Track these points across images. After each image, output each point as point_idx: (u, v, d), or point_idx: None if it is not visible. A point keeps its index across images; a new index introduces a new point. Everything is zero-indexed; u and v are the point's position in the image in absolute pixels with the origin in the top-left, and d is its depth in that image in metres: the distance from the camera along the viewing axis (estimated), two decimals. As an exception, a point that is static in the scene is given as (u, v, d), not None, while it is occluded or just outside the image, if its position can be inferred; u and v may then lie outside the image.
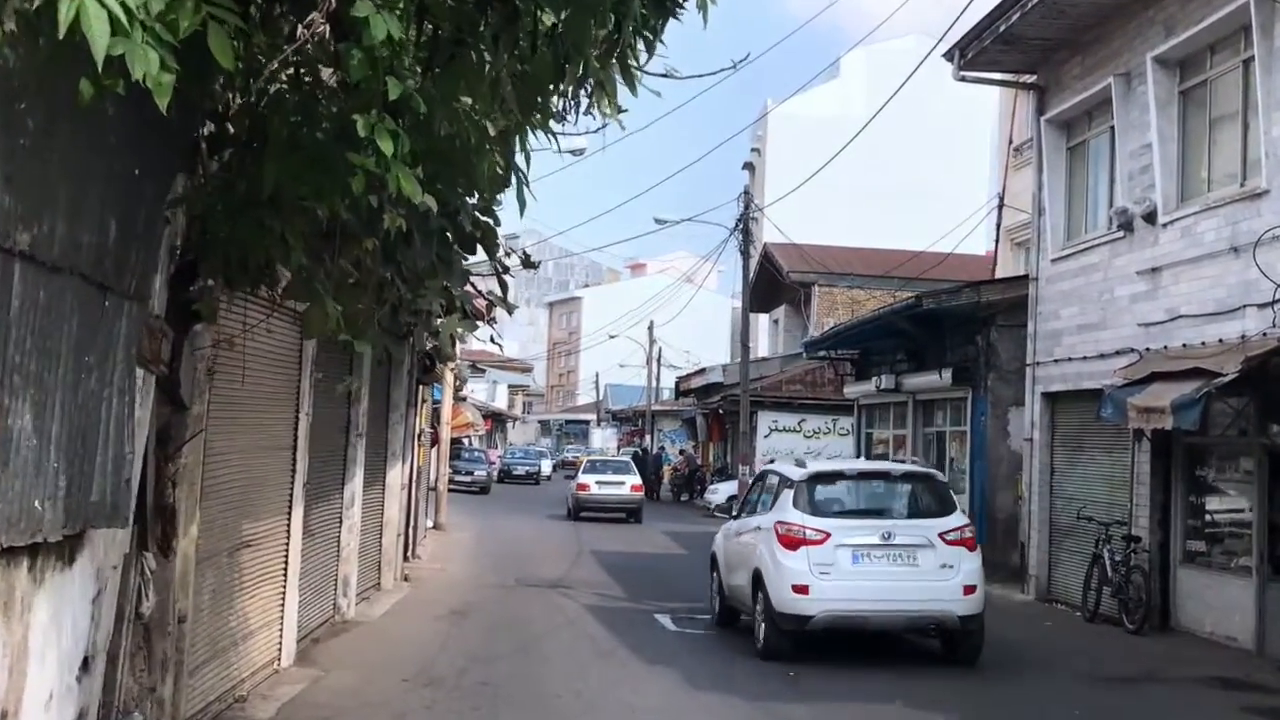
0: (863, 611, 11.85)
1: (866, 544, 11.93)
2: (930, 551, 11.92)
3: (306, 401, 10.54)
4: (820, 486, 12.75)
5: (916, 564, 11.91)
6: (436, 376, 21.41)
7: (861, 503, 13.11)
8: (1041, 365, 17.88)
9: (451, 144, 3.89)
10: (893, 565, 11.92)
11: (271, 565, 10.01)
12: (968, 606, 11.86)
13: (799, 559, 11.81)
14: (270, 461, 9.81)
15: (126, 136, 3.97)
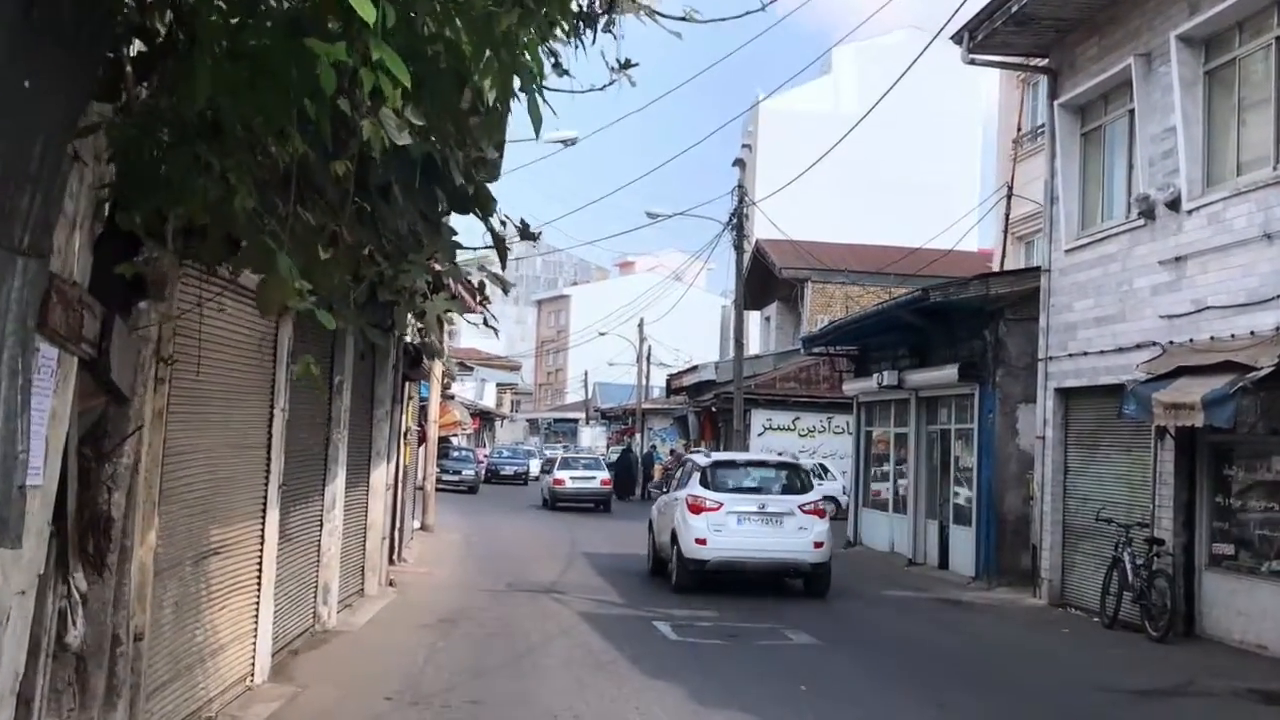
0: (742, 558, 16.68)
1: (747, 511, 16.84)
2: (792, 518, 16.69)
3: (282, 396, 9.74)
4: (719, 470, 17.80)
5: (781, 526, 16.67)
6: (424, 373, 20.60)
7: (746, 482, 17.79)
8: (1054, 360, 17.17)
9: (436, 64, 3.13)
10: (765, 526, 16.67)
11: (243, 573, 9.22)
12: (817, 556, 16.68)
13: (701, 521, 16.63)
14: (241, 461, 9.01)
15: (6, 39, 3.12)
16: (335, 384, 12.26)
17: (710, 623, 14.13)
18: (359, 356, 13.26)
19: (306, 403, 11.22)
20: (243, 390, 8.90)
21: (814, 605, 16.36)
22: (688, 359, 61.07)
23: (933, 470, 21.96)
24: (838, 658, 12.25)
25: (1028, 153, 29.86)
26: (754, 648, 12.63)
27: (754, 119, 66.22)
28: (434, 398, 25.78)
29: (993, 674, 11.79)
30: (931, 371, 20.86)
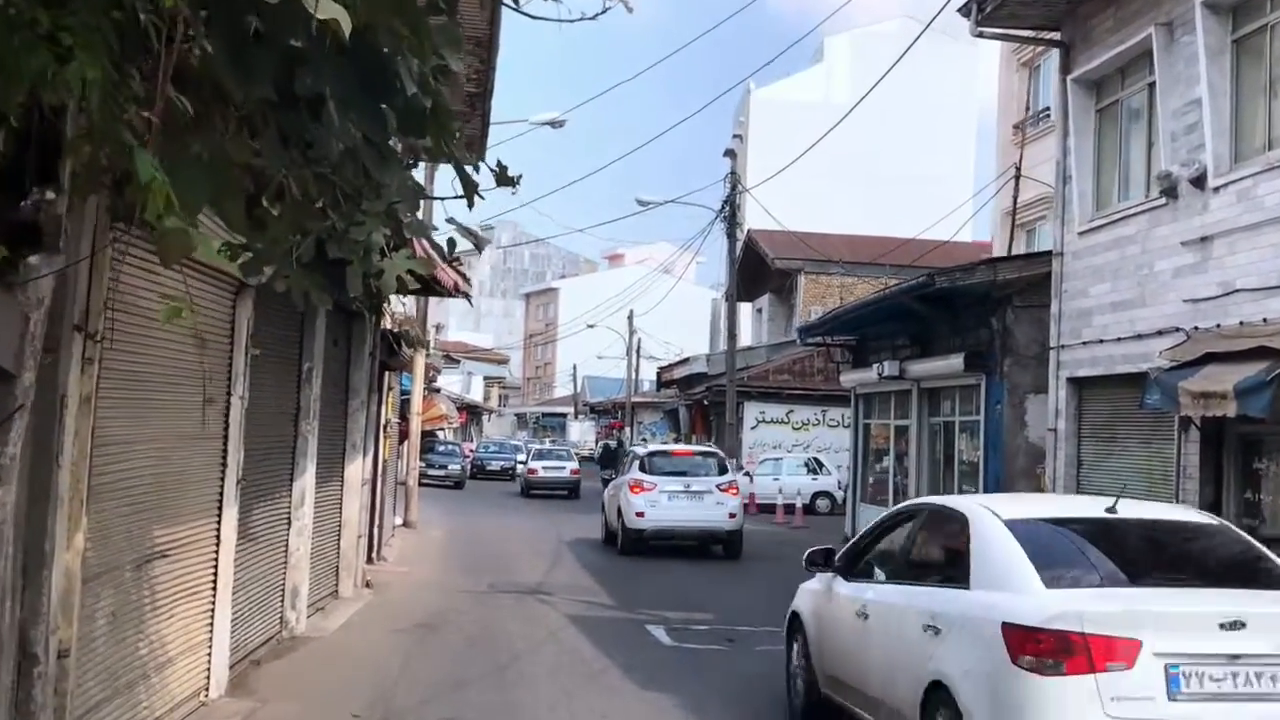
0: (672, 527, 21.05)
1: (676, 490, 21.11)
2: (711, 495, 21.13)
3: (241, 383, 8.87)
4: (654, 458, 22.32)
5: (702, 501, 21.07)
6: (404, 362, 19.72)
7: (675, 467, 21.91)
8: (1067, 348, 16.32)
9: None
10: (689, 502, 21.05)
11: (195, 577, 8.34)
12: (731, 524, 21.10)
13: (640, 498, 20.92)
14: (192, 454, 8.13)
15: None
16: (304, 371, 11.38)
17: (706, 626, 13.30)
18: (331, 342, 12.39)
19: (271, 391, 10.35)
20: (194, 375, 8.02)
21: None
22: (679, 351, 60.26)
23: (935, 464, 21.15)
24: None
25: (1030, 138, 29.13)
26: (754, 653, 11.79)
27: (745, 109, 65.44)
28: (417, 390, 24.89)
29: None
30: (935, 361, 20.03)
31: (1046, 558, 6.74)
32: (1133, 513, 7.50)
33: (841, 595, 8.53)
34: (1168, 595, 6.64)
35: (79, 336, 5.86)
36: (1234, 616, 6.11)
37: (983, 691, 6.33)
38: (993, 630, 6.30)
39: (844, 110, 27.15)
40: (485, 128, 15.02)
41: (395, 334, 16.27)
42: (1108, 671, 5.95)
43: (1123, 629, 6.03)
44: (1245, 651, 6.01)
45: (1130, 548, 7.24)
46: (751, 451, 35.99)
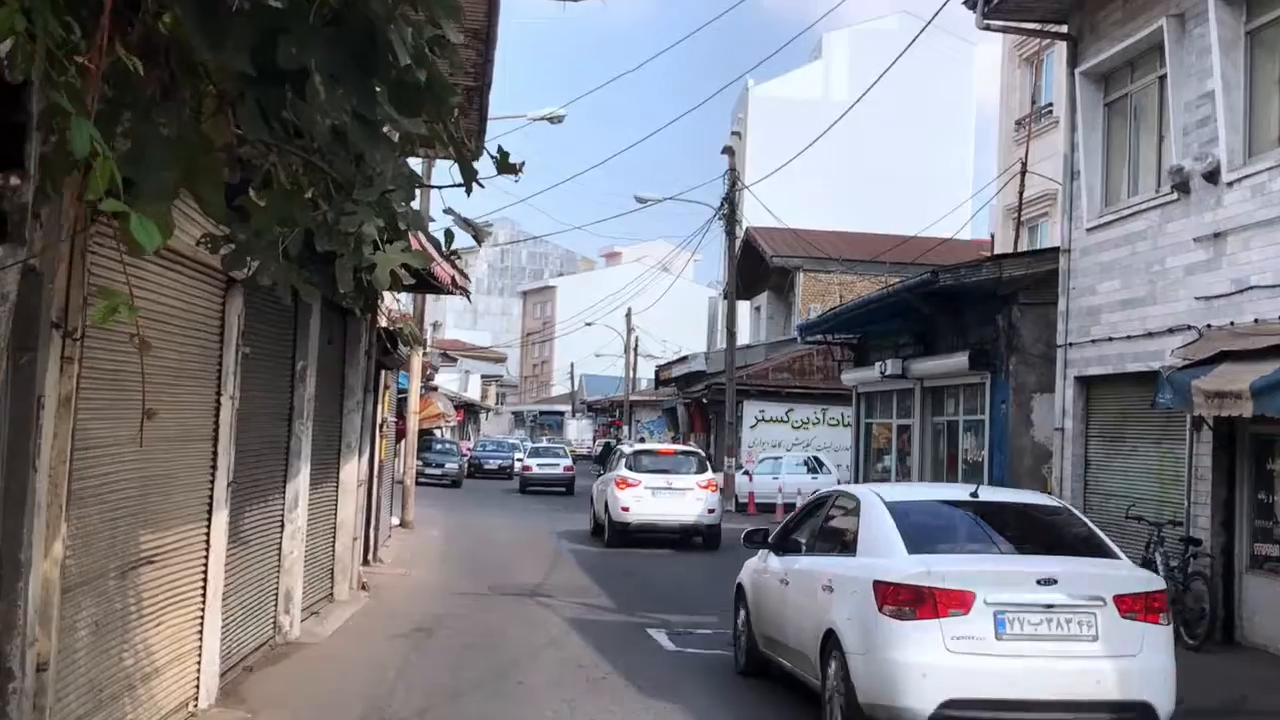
0: (655, 521, 22.11)
1: (659, 486, 22.22)
2: (691, 491, 22.27)
3: (231, 382, 8.57)
4: (640, 457, 23.70)
5: (684, 497, 22.16)
6: (401, 360, 19.43)
7: (659, 466, 23.03)
8: (1075, 346, 16.07)
9: None
10: (671, 496, 22.14)
11: (184, 584, 8.05)
12: (710, 519, 22.24)
13: (626, 494, 22.16)
14: (180, 456, 7.83)
15: None
16: (298, 370, 11.09)
17: (710, 630, 12.98)
18: (326, 340, 12.10)
19: (263, 390, 10.06)
20: (181, 374, 7.74)
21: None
22: (677, 349, 60.03)
23: (938, 463, 20.89)
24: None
25: (1033, 134, 28.85)
26: (759, 659, 11.48)
27: (744, 106, 65.13)
28: (414, 388, 24.61)
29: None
30: (939, 360, 19.77)
31: (913, 531, 8.38)
32: (990, 497, 9.43)
33: (771, 568, 10.10)
34: (1000, 559, 8.54)
35: (57, 334, 5.59)
36: (1048, 575, 7.76)
37: (858, 634, 7.93)
38: (866, 586, 7.91)
39: (843, 107, 26.93)
40: (483, 122, 14.71)
41: (391, 332, 15.98)
42: (949, 617, 7.56)
43: (961, 584, 7.63)
44: (1055, 602, 7.66)
45: (980, 523, 8.96)
46: (751, 450, 35.71)
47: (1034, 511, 9.56)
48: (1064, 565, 8.10)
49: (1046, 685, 7.59)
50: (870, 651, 7.78)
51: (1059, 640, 7.67)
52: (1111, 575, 8.12)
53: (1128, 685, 7.67)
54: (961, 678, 7.51)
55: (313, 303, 4.25)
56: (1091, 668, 7.62)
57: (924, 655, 7.53)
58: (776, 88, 65.95)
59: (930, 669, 7.51)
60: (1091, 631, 7.69)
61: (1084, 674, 7.62)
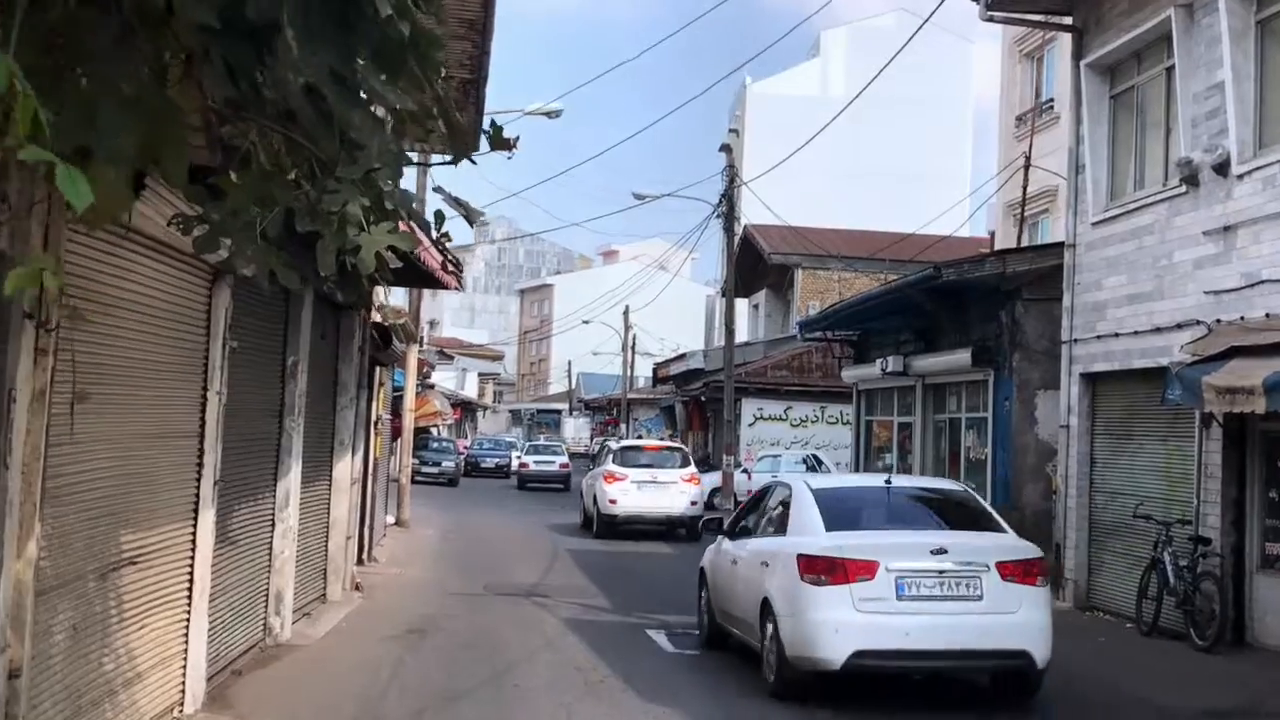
0: (641, 513, 23.43)
1: (645, 480, 23.56)
2: (675, 485, 23.67)
3: (218, 377, 8.31)
4: (626, 452, 25.15)
5: (668, 491, 23.40)
6: (396, 356, 19.17)
7: (644, 461, 24.44)
8: (1080, 342, 15.82)
9: None
10: (657, 491, 23.47)
11: (169, 585, 7.79)
12: (692, 511, 23.10)
13: (614, 487, 23.42)
14: (164, 453, 7.58)
15: None
16: (288, 365, 10.84)
17: (710, 631, 12.72)
18: (318, 336, 11.84)
19: (252, 386, 9.80)
20: (165, 368, 7.48)
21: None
22: (675, 347, 59.80)
23: (940, 461, 20.64)
24: (861, 675, 10.87)
25: (1024, 133, 28.60)
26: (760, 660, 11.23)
27: (741, 103, 64.85)
28: (409, 385, 24.36)
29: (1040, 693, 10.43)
30: (941, 356, 19.51)
31: (833, 513, 9.87)
32: (900, 484, 11.08)
33: (725, 550, 11.53)
34: (901, 534, 9.78)
35: (30, 325, 5.33)
36: (940, 545, 9.24)
37: (785, 599, 9.32)
38: (791, 560, 9.35)
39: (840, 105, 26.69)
40: (479, 116, 14.47)
41: (386, 328, 15.73)
42: (858, 582, 8.95)
43: (866, 555, 9.06)
44: (946, 568, 9.08)
45: (890, 505, 10.29)
46: (750, 448, 35.44)
47: (937, 495, 11.18)
48: (955, 538, 9.53)
49: (939, 638, 8.97)
50: (795, 614, 9.17)
51: (949, 600, 9.05)
52: (995, 545, 9.54)
53: (1009, 637, 9.07)
54: (868, 633, 8.89)
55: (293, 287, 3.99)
56: (977, 623, 9.00)
57: (837, 614, 8.91)
58: (774, 85, 65.74)
59: (842, 626, 8.89)
60: (977, 593, 9.08)
61: (971, 628, 9.00)
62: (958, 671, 9.76)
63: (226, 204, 3.61)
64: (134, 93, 2.59)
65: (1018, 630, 9.09)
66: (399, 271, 10.60)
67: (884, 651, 8.96)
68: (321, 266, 3.69)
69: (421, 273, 11.36)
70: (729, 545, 11.45)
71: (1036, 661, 9.17)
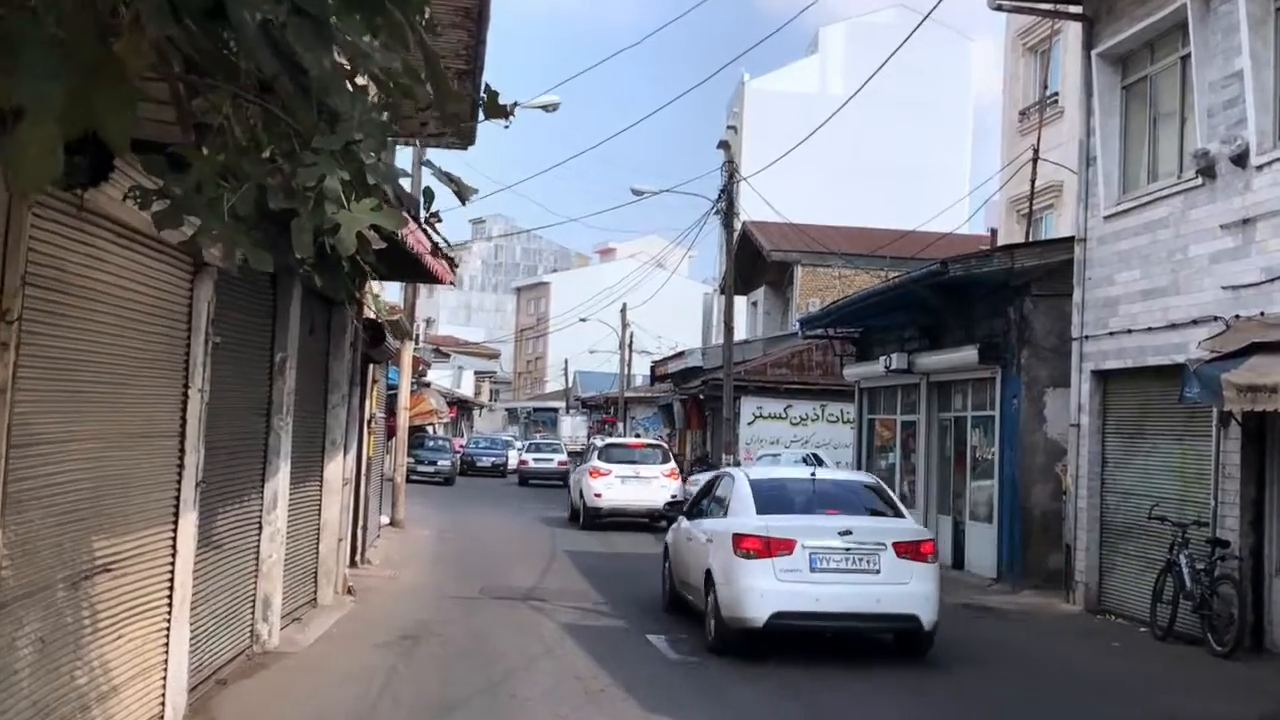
0: (623, 506, 24.78)
1: (627, 475, 25.10)
2: (656, 480, 25.13)
3: (200, 373, 7.91)
4: (611, 449, 26.83)
5: (649, 485, 24.68)
6: (389, 353, 18.76)
7: (628, 457, 26.00)
8: (1091, 339, 15.45)
9: None
10: (638, 485, 24.86)
11: (147, 593, 7.39)
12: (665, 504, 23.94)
13: (598, 483, 24.93)
14: (142, 454, 7.18)
15: None
16: (276, 362, 10.44)
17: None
18: (307, 331, 11.44)
19: (238, 383, 9.41)
20: (142, 365, 7.08)
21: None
22: (674, 345, 59.41)
23: (945, 461, 20.27)
24: (866, 682, 10.50)
25: (1033, 125, 28.24)
26: (764, 668, 10.86)
27: (740, 100, 64.41)
28: (404, 383, 23.96)
29: (1057, 701, 10.06)
30: (946, 354, 19.13)
31: (764, 499, 11.80)
32: (824, 475, 13.16)
33: (683, 529, 13.58)
34: (817, 518, 11.44)
35: (-12, 316, 4.94)
36: (846, 528, 11.06)
37: (723, 570, 11.22)
38: (728, 537, 11.24)
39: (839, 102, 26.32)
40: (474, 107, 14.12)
41: (379, 323, 15.33)
42: (779, 557, 10.83)
43: (787, 534, 10.94)
44: (851, 546, 10.94)
45: (812, 493, 12.04)
46: (749, 447, 35.03)
47: (852, 486, 13.04)
48: (860, 522, 11.41)
49: (843, 603, 10.84)
50: (729, 582, 11.08)
51: (853, 573, 10.93)
52: (893, 528, 11.47)
53: (901, 604, 10.93)
54: (785, 598, 10.75)
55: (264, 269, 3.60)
56: (875, 591, 10.88)
57: (761, 582, 10.80)
58: (772, 81, 65.34)
59: (765, 592, 10.77)
60: (876, 567, 10.95)
61: (870, 596, 10.88)
62: (859, 631, 11.49)
63: (190, 176, 3.23)
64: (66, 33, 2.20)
65: (908, 598, 10.92)
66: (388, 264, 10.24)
67: (798, 613, 10.80)
68: (297, 248, 3.31)
69: (411, 263, 10.92)
70: (686, 525, 13.47)
71: (924, 624, 10.98)
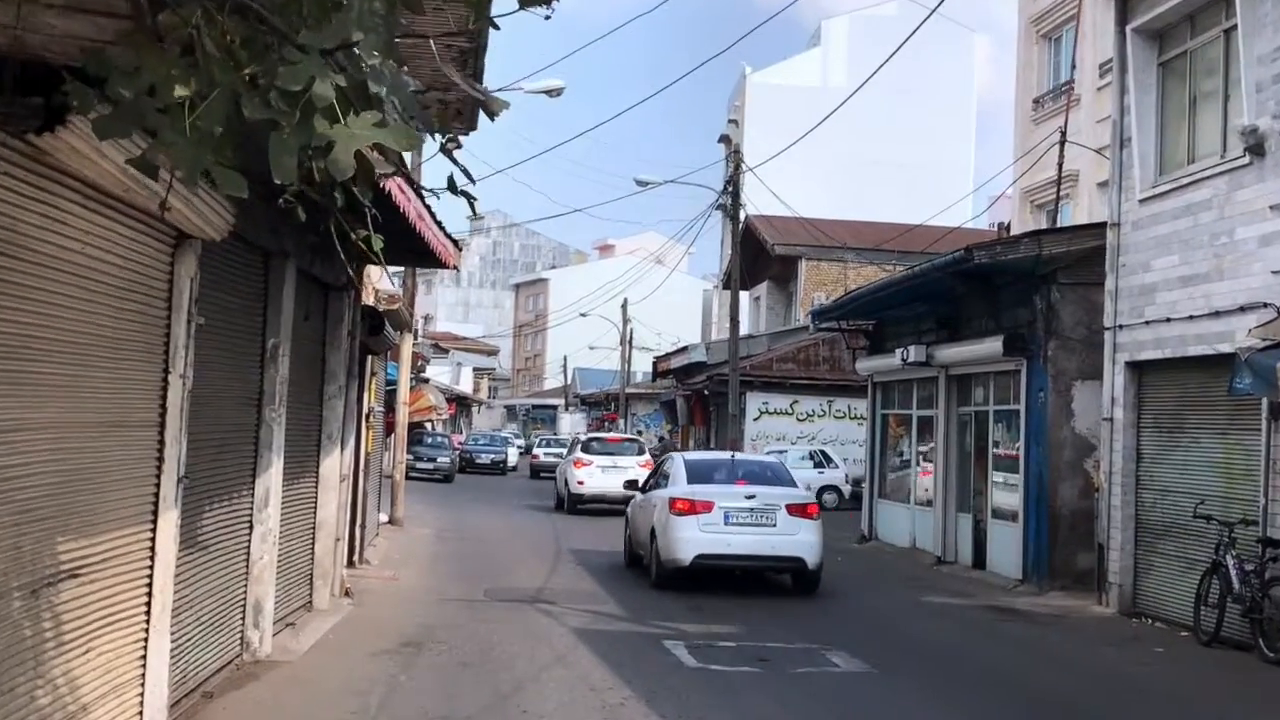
0: (603, 494, 27.02)
1: (608, 465, 27.75)
2: (631, 469, 25.82)
3: (182, 357, 7.16)
4: (592, 443, 30.05)
5: (626, 473, 23.99)
6: (388, 343, 18.01)
7: (607, 449, 29.14)
8: (1126, 329, 14.72)
9: None
10: (616, 474, 25.42)
11: (121, 600, 6.64)
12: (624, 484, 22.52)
13: (580, 472, 28.07)
14: (115, 446, 6.44)
15: None
16: (268, 348, 9.68)
17: (733, 642, 11.65)
18: (302, 316, 10.69)
19: (225, 370, 8.66)
20: (114, 346, 6.34)
21: (848, 613, 14.05)
22: (675, 340, 58.66)
23: (965, 457, 19.53)
24: (900, 693, 9.79)
25: (1049, 113, 27.52)
26: (792, 677, 10.16)
27: (741, 93, 63.62)
28: (403, 378, 23.19)
29: (1105, 710, 9.34)
30: (968, 346, 18.38)
31: (694, 473, 15.74)
32: (740, 457, 17.77)
33: (637, 501, 17.34)
34: (730, 487, 15.17)
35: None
36: (751, 494, 14.84)
37: (661, 525, 14.91)
38: (666, 501, 14.94)
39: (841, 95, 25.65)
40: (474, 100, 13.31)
41: (378, 311, 14.58)
42: (702, 514, 14.56)
43: (708, 498, 14.71)
44: (755, 507, 14.65)
45: (730, 469, 16.03)
46: (754, 443, 34.33)
47: (759, 464, 17.40)
48: (762, 490, 15.15)
49: (748, 548, 14.71)
50: (665, 534, 14.87)
51: (756, 526, 14.74)
52: (786, 493, 15.34)
53: (791, 549, 14.75)
54: (706, 544, 14.59)
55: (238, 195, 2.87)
56: (772, 540, 14.72)
57: (688, 533, 14.62)
58: (774, 75, 64.62)
59: (691, 540, 14.60)
60: (773, 522, 14.76)
61: (767, 543, 14.72)
62: (760, 569, 15.43)
63: (140, 77, 2.50)
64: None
65: (796, 545, 14.80)
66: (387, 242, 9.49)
67: (714, 555, 14.71)
68: (277, 173, 2.57)
69: (411, 240, 10.14)
70: (640, 498, 17.25)
71: (809, 565, 14.91)
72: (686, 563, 14.59)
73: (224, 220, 7.11)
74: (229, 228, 7.24)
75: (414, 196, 8.74)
